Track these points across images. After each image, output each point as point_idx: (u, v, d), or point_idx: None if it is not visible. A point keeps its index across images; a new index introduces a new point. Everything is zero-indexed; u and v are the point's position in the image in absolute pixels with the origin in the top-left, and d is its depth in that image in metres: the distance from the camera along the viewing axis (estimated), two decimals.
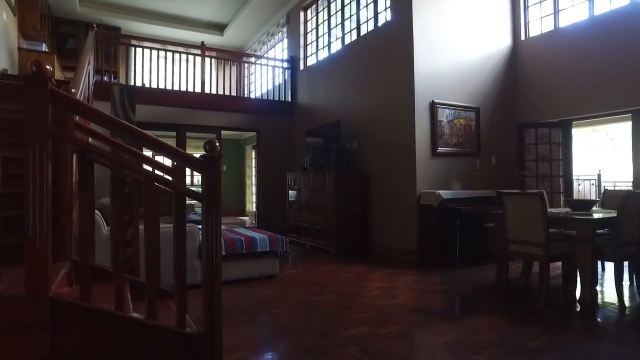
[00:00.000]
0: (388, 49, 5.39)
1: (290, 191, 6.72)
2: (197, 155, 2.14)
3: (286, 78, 7.99)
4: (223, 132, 8.96)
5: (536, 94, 5.58)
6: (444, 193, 4.67)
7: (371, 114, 5.68)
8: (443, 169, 5.15)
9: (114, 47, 6.66)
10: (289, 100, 7.86)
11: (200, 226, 3.59)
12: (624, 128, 9.35)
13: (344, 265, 4.66)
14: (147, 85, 6.74)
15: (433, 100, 5.05)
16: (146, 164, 2.57)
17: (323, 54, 7.09)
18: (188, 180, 10.59)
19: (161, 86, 6.76)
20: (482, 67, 5.56)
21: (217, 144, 2.02)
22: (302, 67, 7.70)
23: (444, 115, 5.15)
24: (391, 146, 5.30)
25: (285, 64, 7.94)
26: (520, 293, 3.46)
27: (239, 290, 3.50)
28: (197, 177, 10.70)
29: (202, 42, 7.09)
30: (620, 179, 8.09)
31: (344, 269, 4.44)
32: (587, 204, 3.41)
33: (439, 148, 5.08)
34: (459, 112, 5.30)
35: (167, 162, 2.62)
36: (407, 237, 5.00)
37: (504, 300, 3.19)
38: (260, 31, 9.60)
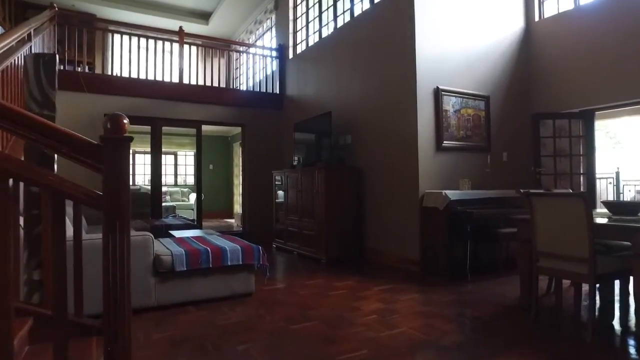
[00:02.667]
0: (385, 30, 4.72)
1: (278, 191, 6.05)
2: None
3: (274, 69, 7.32)
4: (205, 127, 8.28)
5: (553, 81, 4.92)
6: (452, 193, 4.01)
7: (366, 104, 5.02)
8: (449, 166, 4.48)
9: (89, 34, 5.95)
10: (277, 92, 7.18)
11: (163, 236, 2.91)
12: (627, 124, 8.74)
13: (335, 277, 3.99)
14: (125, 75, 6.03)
15: (438, 87, 4.39)
16: None
17: (314, 40, 6.42)
18: (170, 180, 9.91)
19: (140, 76, 6.07)
20: (492, 51, 4.90)
21: (126, 120, 1.42)
22: (291, 56, 7.02)
23: (449, 104, 4.49)
24: (389, 140, 4.64)
25: (274, 53, 7.26)
26: (553, 317, 2.79)
27: (202, 316, 2.82)
28: (187, 176, 10.01)
29: (180, 28, 6.40)
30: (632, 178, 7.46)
31: (334, 283, 3.77)
32: (632, 207, 2.76)
33: (445, 142, 4.42)
34: (466, 101, 4.63)
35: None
36: (408, 244, 4.34)
37: (536, 329, 2.52)
38: (247, 19, 8.92)
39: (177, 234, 4.50)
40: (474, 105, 4.69)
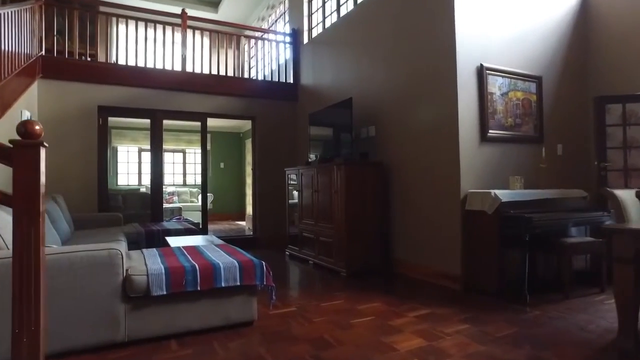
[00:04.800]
0: (416, 1, 3.97)
1: (293, 192, 5.36)
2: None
3: (287, 57, 6.63)
4: (216, 123, 7.72)
5: (620, 58, 4.08)
6: (502, 194, 3.23)
7: (393, 90, 4.27)
8: (495, 161, 3.70)
9: (91, 25, 5.35)
10: (291, 81, 6.49)
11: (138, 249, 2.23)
12: None
13: (358, 297, 3.26)
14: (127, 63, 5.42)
15: (482, 64, 3.61)
16: None
17: (332, 21, 5.69)
18: (178, 179, 9.33)
19: (139, 64, 5.46)
20: (545, 22, 4.09)
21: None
22: (306, 41, 6.32)
23: (496, 85, 3.71)
24: (422, 130, 3.88)
25: (287, 39, 6.57)
26: None
27: (185, 356, 2.14)
28: (197, 175, 9.43)
29: (183, 10, 5.77)
30: None
31: (357, 305, 3.04)
32: None
33: (490, 131, 3.64)
34: (515, 83, 3.84)
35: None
36: (446, 255, 3.58)
37: None
38: (259, 5, 8.27)
39: (174, 241, 3.85)
40: (523, 88, 3.90)
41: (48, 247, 2.47)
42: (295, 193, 5.20)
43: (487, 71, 3.63)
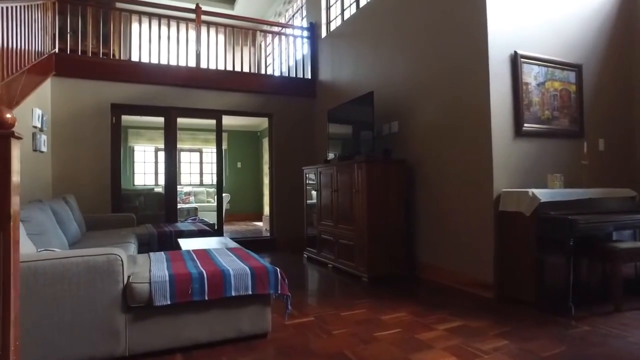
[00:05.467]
0: None
1: (311, 192, 5.12)
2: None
3: (304, 53, 6.41)
4: (233, 122, 7.57)
5: None
6: (541, 193, 2.92)
7: (417, 83, 3.99)
8: (531, 157, 3.39)
9: (104, 25, 5.23)
10: (309, 77, 6.26)
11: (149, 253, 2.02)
12: None
13: (382, 306, 3.00)
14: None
15: (516, 52, 3.30)
16: None
17: (351, 13, 5.43)
18: (195, 179, 9.22)
19: (152, 61, 5.32)
20: (586, 6, 3.75)
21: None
22: (324, 34, 6.08)
23: (531, 74, 3.39)
24: (449, 125, 3.59)
25: (305, 33, 6.34)
26: None
27: None
28: (214, 175, 9.30)
29: (197, 5, 5.60)
30: None
31: (381, 315, 2.78)
32: None
33: (526, 125, 3.33)
34: (552, 72, 3.51)
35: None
36: (477, 261, 3.28)
37: None
38: (276, 1, 8.07)
39: (186, 243, 3.66)
40: (561, 77, 3.56)
41: (50, 250, 2.30)
42: (314, 193, 4.97)
43: (522, 59, 3.31)
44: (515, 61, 3.29)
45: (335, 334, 2.44)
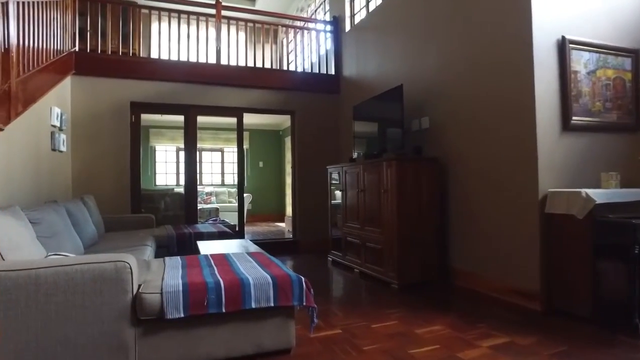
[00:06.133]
0: None
1: (335, 191, 4.89)
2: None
3: (327, 48, 6.17)
4: (254, 120, 7.42)
5: None
6: (595, 194, 2.60)
7: (450, 75, 3.70)
8: (581, 153, 3.06)
9: (124, 25, 5.14)
10: (333, 73, 6.02)
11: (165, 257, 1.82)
12: None
13: (415, 317, 2.74)
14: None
15: (563, 37, 2.98)
16: None
17: (376, 4, 5.16)
18: (217, 179, 9.11)
19: (172, 58, 5.19)
20: None
21: None
22: (348, 28, 5.83)
23: (581, 62, 3.06)
24: (488, 119, 3.29)
25: (328, 27, 6.11)
26: None
27: None
28: (235, 175, 9.17)
29: (217, 0, 5.44)
30: None
31: (416, 328, 2.52)
32: None
33: (574, 117, 3.00)
34: (605, 58, 3.17)
35: None
36: (520, 267, 2.98)
37: None
38: None
39: (205, 246, 3.48)
40: (615, 65, 3.21)
41: (60, 254, 2.14)
42: (337, 193, 4.73)
43: (571, 45, 2.99)
44: (563, 47, 2.97)
45: (366, 350, 2.19)
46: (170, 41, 5.16)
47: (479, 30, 3.36)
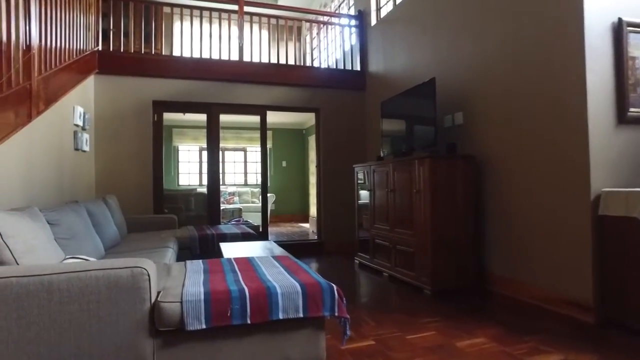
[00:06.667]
0: None
1: (360, 191, 4.69)
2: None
3: (352, 43, 5.98)
4: (277, 119, 7.30)
5: None
6: None
7: (487, 66, 3.45)
8: (639, 149, 2.77)
9: (146, 25, 5.07)
10: (358, 69, 5.82)
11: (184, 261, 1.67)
12: None
13: (454, 327, 2.52)
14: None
15: (620, 19, 2.70)
16: None
17: None
18: (239, 179, 9.03)
19: (194, 55, 5.10)
20: None
21: None
22: (374, 22, 5.62)
23: (639, 47, 2.77)
24: (531, 112, 3.03)
25: (352, 22, 5.92)
26: None
27: None
28: (258, 175, 9.08)
29: None
30: None
31: (455, 339, 2.31)
32: None
33: (632, 109, 2.72)
34: None
35: None
36: (568, 274, 2.72)
37: None
38: None
39: (228, 248, 3.34)
40: None
41: (78, 258, 2.03)
42: (362, 193, 4.53)
43: (628, 28, 2.71)
44: (619, 31, 2.69)
45: None
46: (193, 40, 5.07)
47: (520, 17, 3.11)
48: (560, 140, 2.79)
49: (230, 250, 3.25)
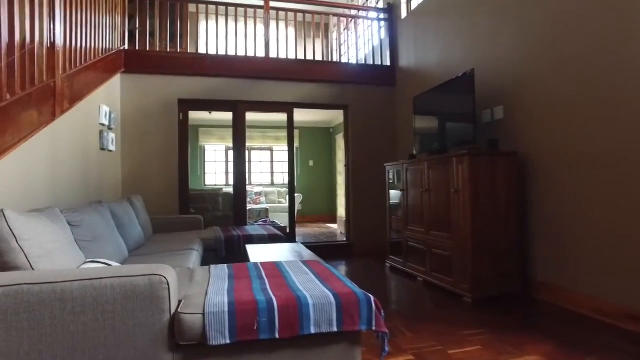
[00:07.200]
0: None
1: (391, 191, 4.47)
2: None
3: (382, 37, 5.75)
4: (304, 118, 7.13)
5: None
6: None
7: (530, 59, 3.17)
8: None
9: (172, 24, 5.01)
10: (388, 64, 5.60)
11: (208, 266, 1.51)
12: None
13: (501, 340, 2.28)
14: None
15: None
16: None
17: None
18: (266, 179, 8.94)
19: (219, 52, 5.01)
20: None
21: None
22: (404, 15, 5.38)
23: None
24: (583, 102, 2.75)
25: (381, 16, 5.69)
26: None
27: None
28: (285, 174, 8.97)
29: None
30: None
31: (504, 356, 2.07)
32: None
33: None
34: None
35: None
36: (632, 285, 2.43)
37: None
38: None
39: (255, 251, 3.20)
40: None
41: (98, 262, 1.92)
42: (392, 192, 4.31)
43: None
44: None
45: None
46: (218, 37, 4.97)
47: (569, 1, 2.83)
48: (623, 130, 2.50)
49: (257, 252, 3.11)
